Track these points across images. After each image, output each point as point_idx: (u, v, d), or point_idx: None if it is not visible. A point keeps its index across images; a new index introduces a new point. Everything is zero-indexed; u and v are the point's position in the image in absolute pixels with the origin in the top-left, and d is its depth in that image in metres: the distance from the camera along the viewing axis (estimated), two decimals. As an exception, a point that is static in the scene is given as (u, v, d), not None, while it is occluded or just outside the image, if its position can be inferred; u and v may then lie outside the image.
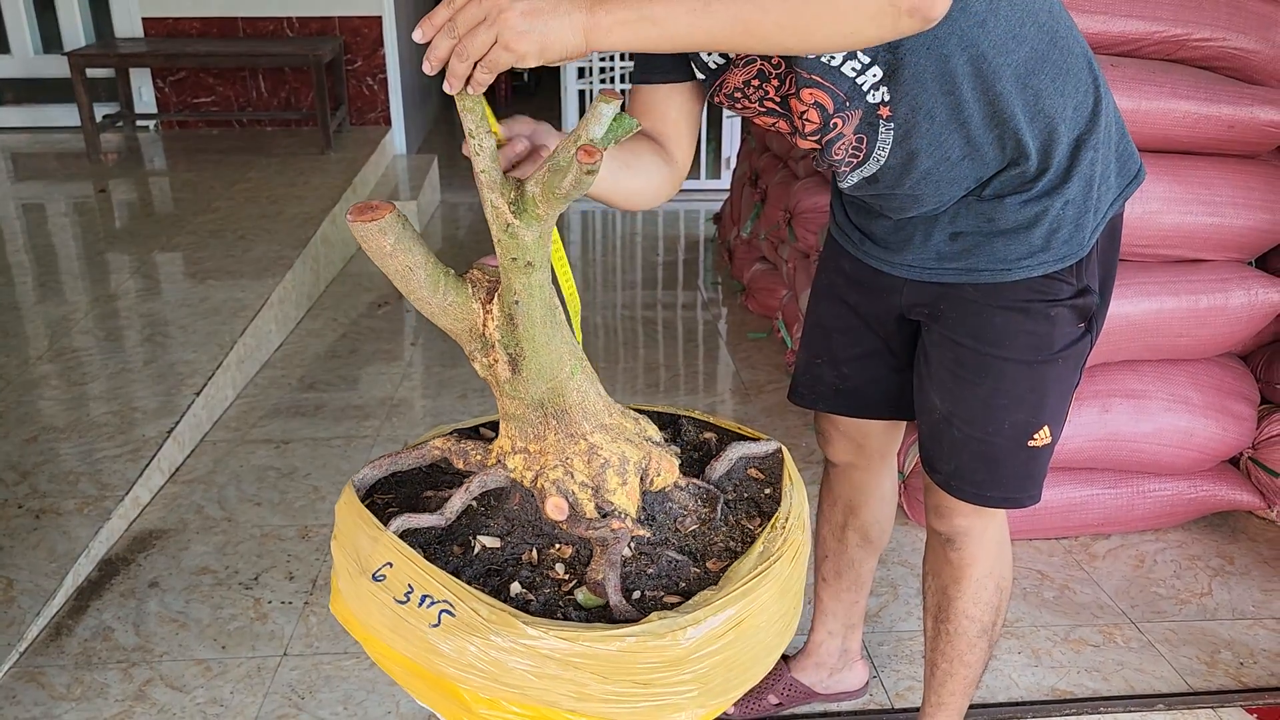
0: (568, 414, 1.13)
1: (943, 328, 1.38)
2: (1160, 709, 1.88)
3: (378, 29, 5.70)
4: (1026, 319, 1.32)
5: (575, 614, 1.04)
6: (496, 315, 1.09)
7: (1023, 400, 1.35)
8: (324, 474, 2.68)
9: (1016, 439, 1.38)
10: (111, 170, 5.04)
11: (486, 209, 1.04)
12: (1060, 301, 1.31)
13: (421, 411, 3.09)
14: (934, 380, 1.41)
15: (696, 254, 4.76)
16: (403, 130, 5.93)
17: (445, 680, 1.03)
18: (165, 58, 5.26)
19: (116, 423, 2.67)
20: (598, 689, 0.99)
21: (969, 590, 1.53)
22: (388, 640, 1.06)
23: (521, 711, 1.02)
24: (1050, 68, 1.23)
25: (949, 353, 1.38)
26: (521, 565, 1.11)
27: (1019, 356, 1.33)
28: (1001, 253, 1.29)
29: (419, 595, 1.02)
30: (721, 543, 1.16)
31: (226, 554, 2.33)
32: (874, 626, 2.10)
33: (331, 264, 4.29)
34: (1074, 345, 1.35)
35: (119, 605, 2.14)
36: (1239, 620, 2.13)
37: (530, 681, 0.99)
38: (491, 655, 0.98)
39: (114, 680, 1.92)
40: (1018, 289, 1.30)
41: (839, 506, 1.74)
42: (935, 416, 1.43)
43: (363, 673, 1.95)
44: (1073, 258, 1.29)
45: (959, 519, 1.48)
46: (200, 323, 3.25)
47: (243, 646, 2.02)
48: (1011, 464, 1.40)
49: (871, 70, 1.15)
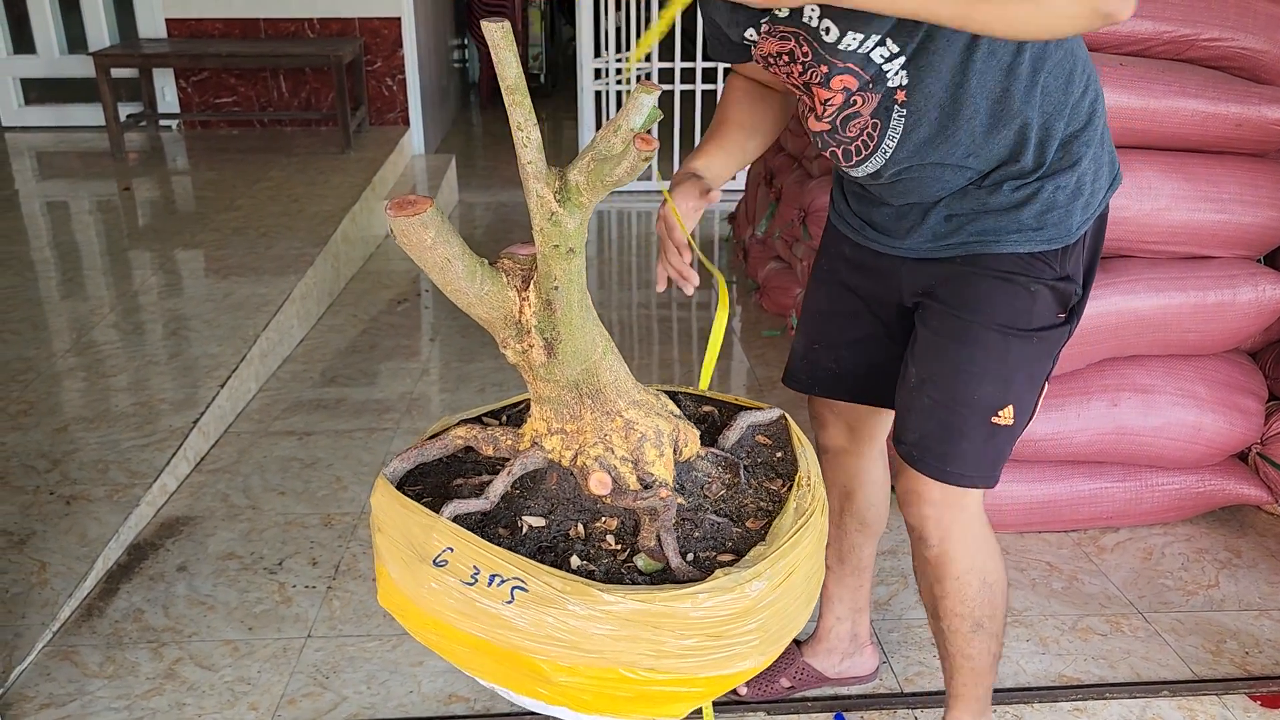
0: (602, 393, 1.19)
1: (936, 301, 1.44)
2: (1165, 695, 1.91)
3: (397, 30, 5.77)
4: (1008, 288, 1.38)
5: (639, 579, 1.10)
6: (533, 301, 1.14)
7: (992, 372, 1.40)
8: (346, 464, 2.74)
9: (981, 413, 1.42)
10: (135, 169, 5.12)
11: (530, 199, 1.09)
12: (1042, 280, 1.37)
13: (440, 405, 3.14)
14: (915, 350, 1.47)
15: (712, 253, 4.80)
16: (421, 130, 5.99)
17: (520, 654, 1.07)
18: (188, 58, 5.34)
19: (143, 414, 2.74)
20: (674, 645, 1.05)
21: (952, 589, 1.55)
22: (453, 622, 1.10)
23: (601, 673, 1.07)
24: (1056, 66, 1.30)
25: (934, 320, 1.44)
26: (571, 540, 1.16)
27: (994, 325, 1.38)
28: (992, 227, 1.37)
29: (487, 575, 1.07)
30: (752, 504, 1.24)
31: (251, 540, 2.38)
32: (884, 614, 2.14)
33: (352, 261, 4.35)
34: (1051, 330, 1.41)
35: (148, 588, 2.20)
36: (1245, 611, 2.16)
37: (609, 645, 1.04)
38: (570, 624, 1.04)
39: (144, 659, 1.98)
40: (1003, 260, 1.37)
41: (835, 493, 1.78)
42: (910, 384, 1.47)
43: (385, 654, 2.00)
44: (1059, 241, 1.36)
45: (926, 506, 1.49)
46: (224, 317, 3.32)
47: (269, 628, 2.08)
48: (973, 439, 1.43)
49: (899, 58, 1.25)
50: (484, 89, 8.54)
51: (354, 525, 2.45)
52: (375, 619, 2.11)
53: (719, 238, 5.00)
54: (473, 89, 8.91)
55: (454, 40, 8.08)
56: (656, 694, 1.08)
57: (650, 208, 5.55)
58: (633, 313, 4.07)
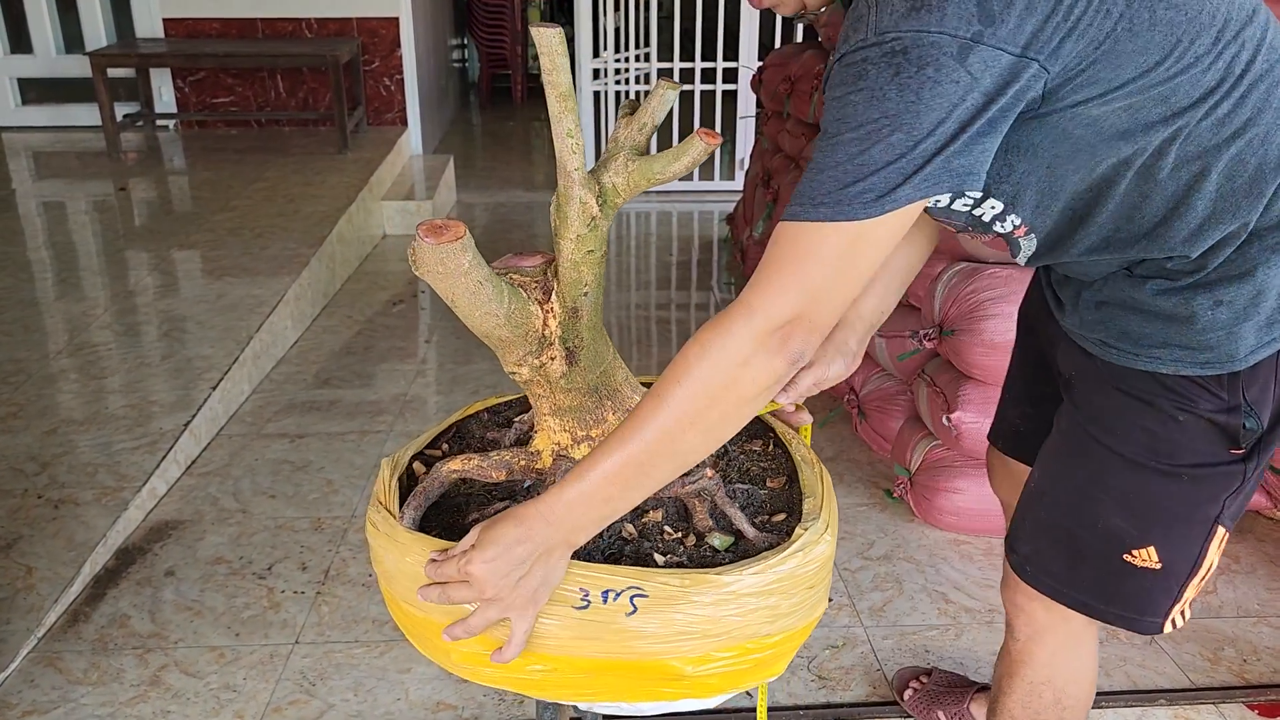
0: (619, 391, 1.19)
1: (1070, 398, 1.24)
2: (1162, 704, 1.89)
3: (395, 30, 5.76)
4: (1148, 413, 1.13)
5: (725, 557, 1.12)
6: (558, 311, 1.12)
7: (1123, 506, 1.17)
8: (337, 468, 2.72)
9: (1109, 545, 1.19)
10: (131, 169, 5.11)
11: (571, 205, 1.07)
12: (1195, 410, 1.11)
13: (434, 408, 3.12)
14: (1043, 453, 1.28)
15: (710, 254, 4.78)
16: (419, 130, 5.98)
17: (650, 660, 1.06)
18: (185, 58, 5.33)
19: (134, 416, 2.72)
20: (785, 605, 1.09)
21: (1019, 690, 1.37)
22: (570, 651, 1.06)
23: (731, 653, 1.08)
24: (1230, 162, 1.01)
25: (1066, 425, 1.24)
26: (628, 542, 1.16)
27: (1128, 452, 1.15)
28: (1136, 332, 1.11)
29: (599, 594, 1.04)
30: (756, 467, 1.29)
31: (241, 544, 2.36)
32: (878, 620, 2.12)
33: (347, 262, 4.33)
34: (1212, 468, 1.13)
35: (135, 593, 2.18)
36: (1243, 618, 2.14)
37: (736, 625, 1.06)
38: (699, 614, 1.05)
39: (130, 665, 1.96)
40: (1144, 378, 1.12)
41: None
42: (1029, 489, 1.29)
43: (373, 660, 1.98)
44: (1219, 366, 1.08)
45: (1021, 598, 1.32)
46: (217, 319, 3.30)
47: (256, 634, 2.06)
48: (1097, 570, 1.21)
49: (988, 203, 1.06)
50: (483, 89, 8.52)
51: (344, 529, 2.43)
52: (364, 625, 2.09)
53: (717, 239, 4.98)
54: (472, 89, 8.90)
55: (453, 40, 8.06)
56: (771, 657, 1.13)
57: (643, 208, 5.54)
58: (630, 314, 4.05)
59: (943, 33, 0.87)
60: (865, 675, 1.98)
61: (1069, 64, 0.91)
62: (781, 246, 0.93)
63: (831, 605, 2.17)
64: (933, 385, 2.42)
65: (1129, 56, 0.93)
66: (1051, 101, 0.94)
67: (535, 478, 1.24)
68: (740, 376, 0.95)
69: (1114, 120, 0.96)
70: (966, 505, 2.36)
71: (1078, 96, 0.94)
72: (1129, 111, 0.96)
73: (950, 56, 0.87)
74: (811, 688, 1.94)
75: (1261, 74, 0.99)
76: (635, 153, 1.08)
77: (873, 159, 0.89)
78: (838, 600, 2.19)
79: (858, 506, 2.54)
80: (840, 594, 2.21)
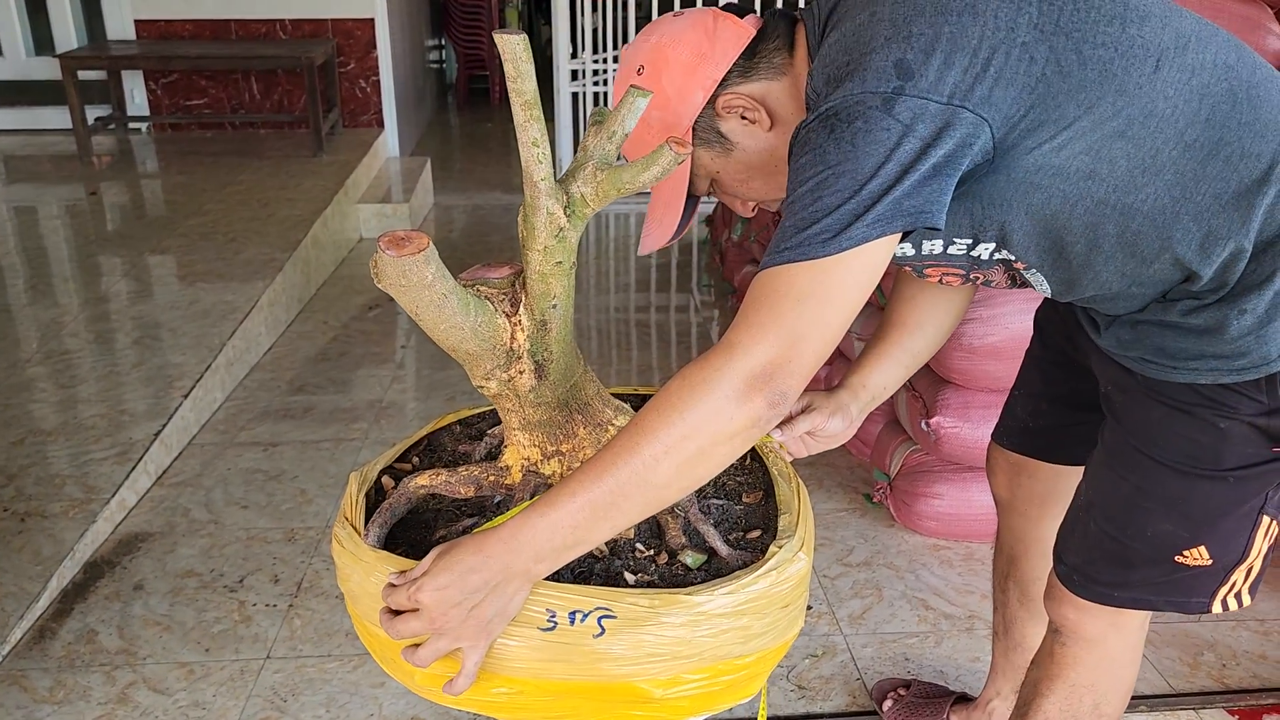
0: (590, 405, 1.17)
1: (1111, 412, 1.26)
2: (1143, 710, 1.88)
3: (370, 31, 5.71)
4: (1189, 423, 1.16)
5: (697, 576, 1.11)
6: (526, 324, 1.09)
7: (1171, 511, 1.20)
8: (311, 476, 2.68)
9: (1160, 551, 1.22)
10: (103, 173, 5.04)
11: (538, 216, 1.05)
12: (1237, 416, 1.14)
13: (411, 414, 3.09)
14: (1090, 465, 1.31)
15: (689, 256, 4.76)
16: (396, 132, 5.93)
17: (618, 683, 1.04)
18: (157, 60, 5.26)
19: (104, 425, 2.67)
20: (759, 625, 1.08)
21: (1059, 692, 1.36)
22: (537, 674, 1.03)
23: (702, 675, 1.07)
24: (1211, 183, 1.04)
25: (1109, 439, 1.26)
26: (598, 560, 1.13)
27: (1172, 461, 1.18)
28: (1172, 348, 1.14)
29: (565, 614, 1.01)
30: (734, 481, 1.28)
31: (212, 557, 2.33)
32: (858, 629, 2.11)
33: (323, 266, 4.29)
34: (1255, 467, 1.17)
35: (103, 608, 2.14)
36: (1222, 622, 2.13)
37: (708, 646, 1.04)
38: (669, 635, 1.03)
39: (97, 683, 1.92)
40: (1182, 390, 1.15)
41: (1003, 554, 1.64)
42: (1078, 503, 1.31)
43: (346, 675, 1.95)
44: (1254, 372, 1.11)
45: (1069, 609, 1.32)
46: (190, 325, 3.25)
47: (226, 649, 2.02)
48: (1150, 572, 1.25)
49: (982, 245, 1.13)
50: (461, 90, 8.48)
51: (318, 540, 2.39)
52: (336, 638, 2.05)
53: (696, 240, 4.96)
54: (449, 90, 8.85)
55: (430, 41, 8.01)
56: (745, 678, 1.11)
57: (622, 210, 5.51)
58: (609, 317, 4.02)
59: (865, 92, 0.98)
60: (845, 685, 1.96)
61: (1009, 112, 0.99)
62: (756, 292, 0.99)
63: (811, 613, 2.15)
64: (912, 390, 2.41)
65: (1068, 95, 0.99)
66: (1007, 152, 1.01)
67: (504, 493, 1.22)
68: (720, 412, 0.96)
69: (1078, 164, 1.02)
70: (946, 510, 2.34)
71: (1030, 142, 1.01)
72: (1090, 154, 1.01)
73: (876, 109, 0.97)
74: (791, 698, 1.93)
75: (1223, 95, 1.03)
76: (604, 162, 1.06)
77: (824, 204, 0.97)
78: (817, 608, 2.17)
79: (837, 512, 2.52)
80: (820, 601, 2.19)
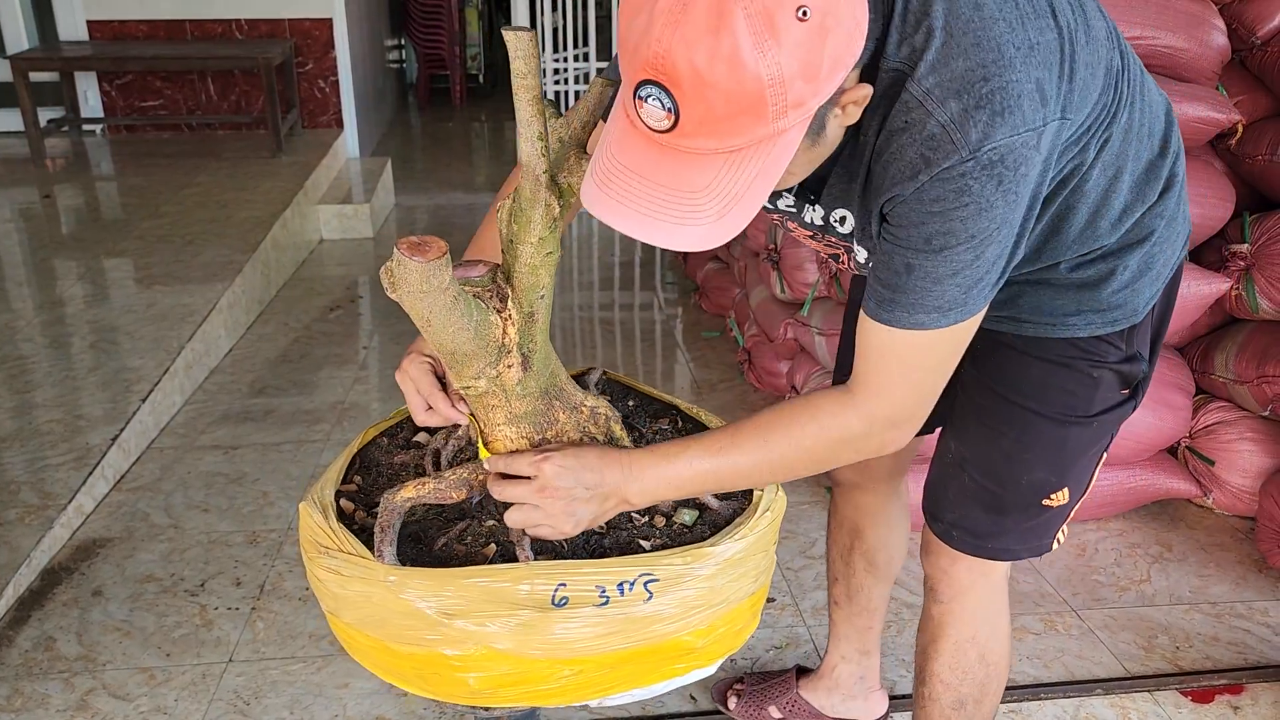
0: (564, 390, 1.19)
1: (977, 369, 1.28)
2: (1099, 694, 1.92)
3: (328, 31, 5.66)
4: (1068, 375, 1.23)
5: (700, 529, 1.19)
6: (515, 318, 1.10)
7: (1047, 459, 1.28)
8: (273, 479, 2.66)
9: (1031, 496, 1.30)
10: (57, 176, 4.96)
11: (537, 210, 1.05)
12: (1106, 364, 1.23)
13: (375, 415, 3.07)
14: (955, 423, 1.34)
15: (652, 254, 4.77)
16: (355, 133, 5.89)
17: (668, 641, 1.11)
18: (111, 61, 5.19)
19: (61, 430, 2.64)
20: (763, 563, 1.19)
21: (945, 652, 1.42)
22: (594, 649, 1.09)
23: (730, 619, 1.16)
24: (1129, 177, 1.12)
25: (978, 397, 1.30)
26: (604, 535, 1.18)
27: (1052, 413, 1.25)
28: (1049, 306, 1.20)
29: (614, 586, 1.08)
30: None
31: (172, 561, 2.30)
32: (820, 620, 2.12)
33: (283, 268, 4.25)
34: (1113, 410, 1.27)
35: (61, 615, 2.11)
36: (1176, 606, 2.18)
37: (732, 589, 1.14)
38: (704, 586, 1.11)
39: (55, 690, 1.90)
40: (1061, 345, 1.22)
41: (844, 529, 1.67)
42: (948, 459, 1.35)
43: (310, 676, 1.94)
44: (1126, 322, 1.20)
45: (945, 561, 1.39)
46: (147, 329, 3.22)
47: (188, 654, 2.00)
48: (1020, 519, 1.32)
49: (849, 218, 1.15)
50: (422, 90, 8.43)
51: (280, 542, 2.38)
52: (300, 640, 2.04)
53: (659, 238, 4.96)
54: (410, 90, 8.80)
55: (390, 41, 7.96)
56: (752, 614, 1.22)
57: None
58: (573, 315, 4.02)
59: (1027, 130, 0.94)
60: (808, 675, 1.98)
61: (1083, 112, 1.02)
62: (911, 351, 1.04)
63: (774, 605, 2.17)
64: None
65: (1088, 96, 1.02)
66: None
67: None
68: (840, 452, 1.11)
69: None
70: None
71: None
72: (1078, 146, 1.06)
73: (1033, 148, 0.95)
74: (755, 689, 1.94)
75: (1134, 73, 1.12)
76: (583, 151, 1.07)
77: (987, 259, 0.98)
78: (780, 600, 2.19)
79: (799, 505, 2.54)
80: (783, 593, 2.21)
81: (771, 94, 0.82)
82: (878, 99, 0.95)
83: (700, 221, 0.89)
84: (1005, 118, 0.92)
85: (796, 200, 1.17)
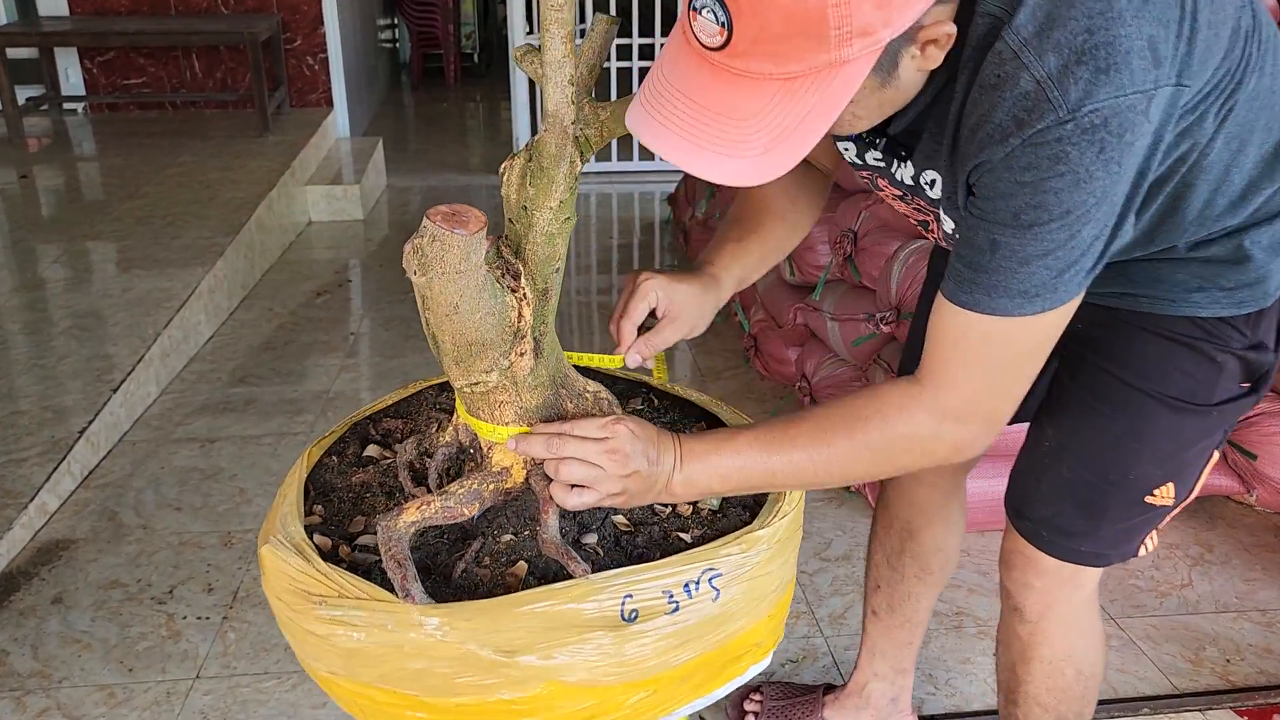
0: (568, 376, 1.09)
1: (1086, 349, 1.15)
2: (1146, 713, 1.76)
3: (317, 6, 5.47)
4: (1190, 357, 1.10)
5: (737, 513, 1.11)
6: (529, 296, 0.97)
7: (1158, 450, 1.14)
8: (251, 474, 2.50)
9: (1135, 493, 1.17)
10: (36, 156, 4.78)
11: (560, 167, 0.94)
12: (1230, 349, 1.10)
13: (364, 404, 2.90)
14: (1053, 407, 1.21)
15: (652, 236, 4.60)
16: (345, 112, 5.70)
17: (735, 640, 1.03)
18: (92, 36, 5.00)
19: (25, 423, 2.47)
20: (796, 543, 1.13)
21: (1039, 673, 1.31)
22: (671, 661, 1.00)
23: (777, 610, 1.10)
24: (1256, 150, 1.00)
25: (1088, 378, 1.16)
26: (634, 534, 1.09)
27: (1170, 396, 1.12)
28: (1169, 278, 1.08)
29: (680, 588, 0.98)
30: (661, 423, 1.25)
31: (140, 565, 2.14)
32: (839, 629, 1.97)
33: (268, 251, 4.08)
34: (1233, 402, 1.14)
35: (16, 625, 1.95)
36: (1222, 613, 2.02)
37: (783, 572, 1.09)
38: (763, 573, 1.04)
39: (5, 711, 1.74)
40: (1182, 323, 1.10)
41: (895, 529, 1.52)
42: (1042, 448, 1.22)
43: (283, 694, 1.78)
44: (1254, 304, 1.08)
45: (1032, 576, 1.25)
46: (122, 314, 3.05)
47: (152, 669, 1.84)
48: (1118, 519, 1.19)
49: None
50: (415, 70, 8.24)
51: (255, 544, 2.21)
52: (274, 653, 1.88)
53: (658, 220, 4.80)
54: (403, 70, 8.61)
55: (383, 19, 7.77)
56: (790, 592, 1.16)
57: (582, 189, 5.34)
58: (571, 300, 3.85)
59: (1136, 91, 0.82)
60: (827, 691, 1.82)
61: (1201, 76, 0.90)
62: (988, 340, 0.91)
63: (788, 612, 2.01)
64: (890, 372, 2.27)
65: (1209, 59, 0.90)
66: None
67: (505, 499, 1.07)
68: (906, 450, 0.98)
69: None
70: (929, 499, 2.21)
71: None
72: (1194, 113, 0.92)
73: (1141, 114, 0.83)
74: (770, 707, 1.78)
75: (1267, 34, 0.97)
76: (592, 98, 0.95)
77: (1083, 240, 0.86)
78: (795, 607, 2.03)
79: (813, 503, 2.38)
80: (797, 600, 2.05)
81: (835, 15, 0.74)
82: (971, 49, 0.84)
83: (745, 153, 0.81)
84: (1110, 76, 0.81)
85: (885, 155, 1.04)
